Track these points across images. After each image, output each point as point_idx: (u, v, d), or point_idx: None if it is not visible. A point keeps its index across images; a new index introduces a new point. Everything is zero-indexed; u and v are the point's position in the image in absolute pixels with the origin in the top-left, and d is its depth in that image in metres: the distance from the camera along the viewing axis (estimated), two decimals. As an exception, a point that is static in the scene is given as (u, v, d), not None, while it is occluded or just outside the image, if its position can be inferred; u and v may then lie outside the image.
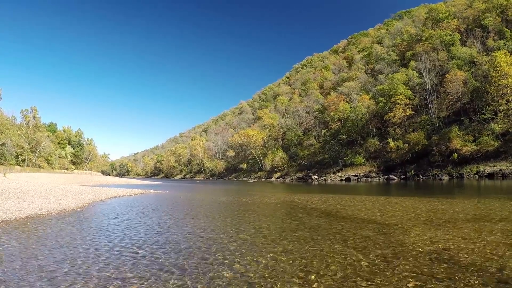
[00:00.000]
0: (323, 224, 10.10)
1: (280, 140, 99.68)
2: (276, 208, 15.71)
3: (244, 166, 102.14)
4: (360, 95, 76.63)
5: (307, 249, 6.90)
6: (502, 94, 46.41)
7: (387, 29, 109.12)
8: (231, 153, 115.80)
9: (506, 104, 46.05)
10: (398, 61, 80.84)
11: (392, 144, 56.58)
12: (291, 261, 6.03)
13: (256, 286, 4.84)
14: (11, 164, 71.79)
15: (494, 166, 41.13)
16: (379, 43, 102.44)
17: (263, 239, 8.07)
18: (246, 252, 6.78)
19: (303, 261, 6.04)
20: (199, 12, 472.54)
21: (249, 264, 5.91)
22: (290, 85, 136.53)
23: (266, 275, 5.31)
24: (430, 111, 58.43)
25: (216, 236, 8.65)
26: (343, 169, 62.94)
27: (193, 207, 16.59)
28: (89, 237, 8.64)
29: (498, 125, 44.94)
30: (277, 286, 4.80)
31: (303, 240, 7.82)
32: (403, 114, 59.38)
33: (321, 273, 5.32)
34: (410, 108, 59.90)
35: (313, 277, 5.16)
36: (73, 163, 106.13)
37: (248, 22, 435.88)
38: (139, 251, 7.01)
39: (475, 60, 57.66)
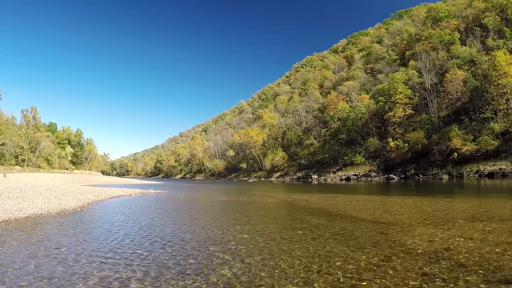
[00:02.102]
0: (323, 224, 10.10)
1: (280, 139, 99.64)
2: (276, 208, 15.72)
3: (244, 165, 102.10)
4: (360, 94, 76.65)
5: (308, 249, 6.90)
6: (502, 93, 46.42)
7: (386, 29, 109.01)
8: (231, 152, 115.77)
9: (506, 103, 46.05)
10: (397, 61, 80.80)
11: (392, 144, 56.58)
12: (291, 261, 6.03)
13: (256, 286, 4.84)
14: (11, 164, 71.78)
15: (494, 165, 41.15)
16: (379, 42, 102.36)
17: (263, 239, 8.08)
18: (246, 252, 6.78)
19: (304, 260, 6.04)
20: (198, 12, 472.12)
21: (249, 264, 5.91)
22: (290, 85, 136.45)
23: (266, 275, 5.32)
24: (430, 111, 58.43)
25: (216, 236, 8.65)
26: (343, 168, 62.92)
27: (192, 207, 16.60)
28: (89, 237, 8.64)
29: (498, 124, 44.95)
30: (277, 286, 4.80)
31: (303, 240, 7.82)
32: (403, 113, 59.39)
33: (321, 273, 5.32)
34: (410, 108, 59.90)
35: (313, 276, 5.16)
36: (73, 163, 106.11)
37: (247, 22, 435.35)
38: (141, 251, 7.02)
39: (474, 59, 57.63)
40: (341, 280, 4.97)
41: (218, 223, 10.88)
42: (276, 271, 5.49)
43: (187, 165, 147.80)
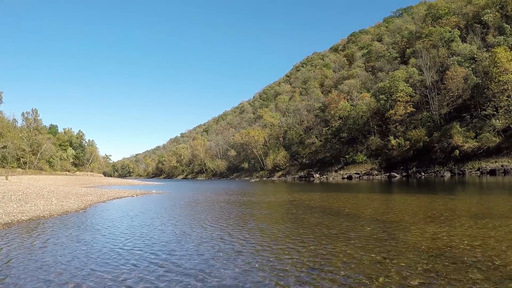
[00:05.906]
0: (325, 223, 10.10)
1: (281, 139, 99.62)
2: (278, 207, 15.72)
3: (245, 165, 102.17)
4: (361, 92, 76.55)
5: (310, 248, 6.89)
6: (502, 90, 46.30)
7: (387, 27, 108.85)
8: (233, 152, 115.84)
9: (507, 100, 45.93)
10: (398, 58, 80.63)
11: (393, 142, 56.50)
12: (294, 260, 6.02)
13: (259, 285, 4.84)
14: (12, 167, 71.85)
15: (495, 162, 41.07)
16: (379, 40, 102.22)
17: (265, 238, 8.08)
18: (248, 252, 6.79)
19: (306, 259, 6.03)
20: (199, 12, 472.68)
21: (252, 263, 5.91)
22: (290, 84, 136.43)
23: (269, 274, 5.31)
24: (431, 108, 58.32)
25: (218, 235, 8.65)
26: (345, 167, 62.88)
27: (195, 207, 16.60)
28: (90, 239, 8.65)
29: (499, 121, 44.86)
30: (280, 285, 4.80)
31: (305, 239, 7.82)
32: (404, 111, 59.29)
33: (324, 271, 5.31)
34: (411, 105, 59.81)
35: (316, 275, 5.15)
36: (74, 165, 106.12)
37: (247, 21, 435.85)
38: (143, 253, 7.02)
39: (475, 56, 57.47)
40: (345, 278, 4.96)
41: (221, 223, 10.88)
42: (280, 270, 5.48)
43: (189, 166, 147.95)
